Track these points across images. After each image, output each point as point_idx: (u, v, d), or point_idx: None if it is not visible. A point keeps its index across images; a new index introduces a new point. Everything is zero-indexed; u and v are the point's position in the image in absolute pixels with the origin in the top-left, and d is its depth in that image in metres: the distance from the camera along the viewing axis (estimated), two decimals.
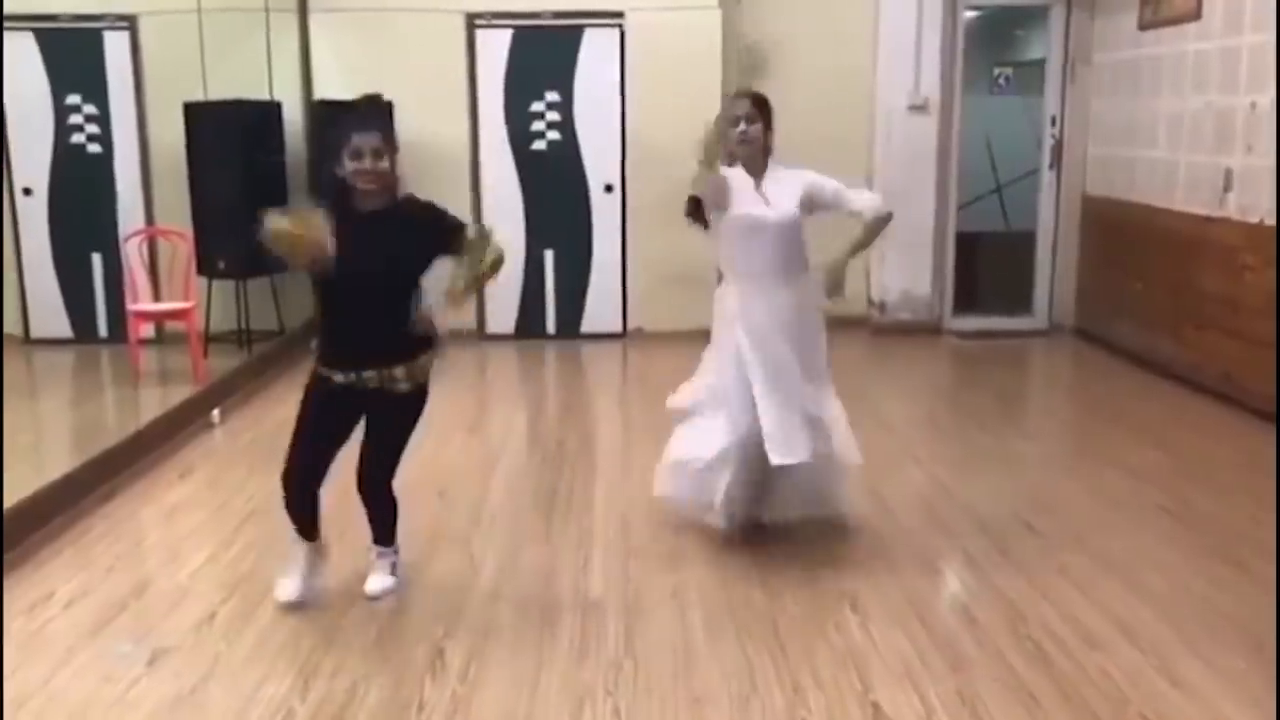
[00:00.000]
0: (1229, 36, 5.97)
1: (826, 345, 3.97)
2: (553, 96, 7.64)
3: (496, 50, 7.59)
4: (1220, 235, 6.02)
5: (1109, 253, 7.48)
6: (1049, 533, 4.21)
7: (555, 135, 7.70)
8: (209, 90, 6.79)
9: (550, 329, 7.94)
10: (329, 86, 7.46)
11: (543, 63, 7.59)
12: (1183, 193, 6.45)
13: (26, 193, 7.42)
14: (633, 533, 4.24)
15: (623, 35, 7.49)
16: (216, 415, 5.75)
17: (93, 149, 7.44)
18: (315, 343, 3.49)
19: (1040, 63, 8.33)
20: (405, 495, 3.69)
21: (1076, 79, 7.81)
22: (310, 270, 3.27)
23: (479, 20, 7.56)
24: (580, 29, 7.57)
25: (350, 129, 3.26)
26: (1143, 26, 6.95)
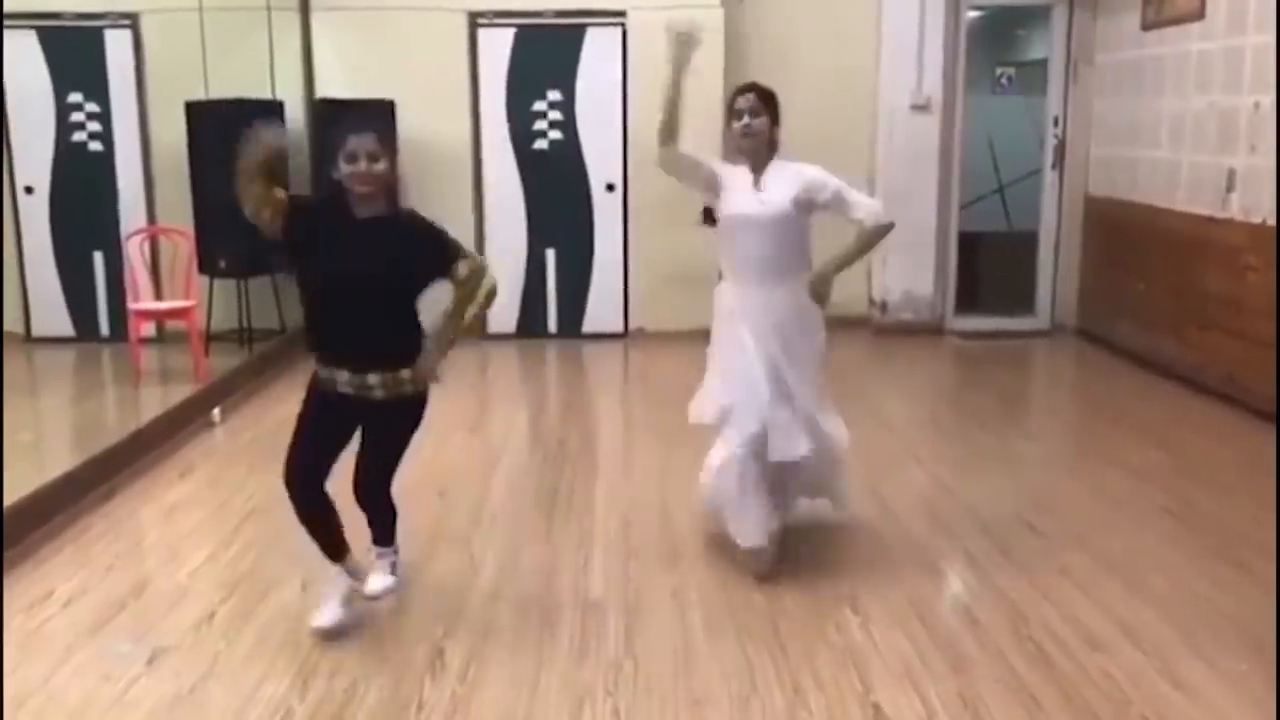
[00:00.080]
0: (1232, 36, 5.96)
1: (826, 346, 3.87)
2: (555, 95, 7.63)
3: (498, 49, 7.59)
4: (1223, 236, 6.01)
5: (1111, 253, 7.47)
6: (1051, 533, 4.20)
7: (557, 134, 7.69)
8: (210, 89, 6.78)
9: (551, 328, 7.94)
10: (331, 85, 7.46)
11: (545, 62, 7.59)
12: (1185, 193, 6.44)
13: (28, 191, 7.42)
14: (633, 533, 4.24)
15: (625, 34, 7.48)
16: (217, 414, 5.76)
17: (94, 147, 7.44)
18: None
19: (1043, 62, 8.32)
20: (405, 495, 3.68)
21: (1079, 79, 7.79)
22: (262, 226, 3.27)
23: (481, 19, 7.56)
24: (582, 28, 7.56)
25: (346, 131, 3.20)
26: (1146, 26, 6.93)
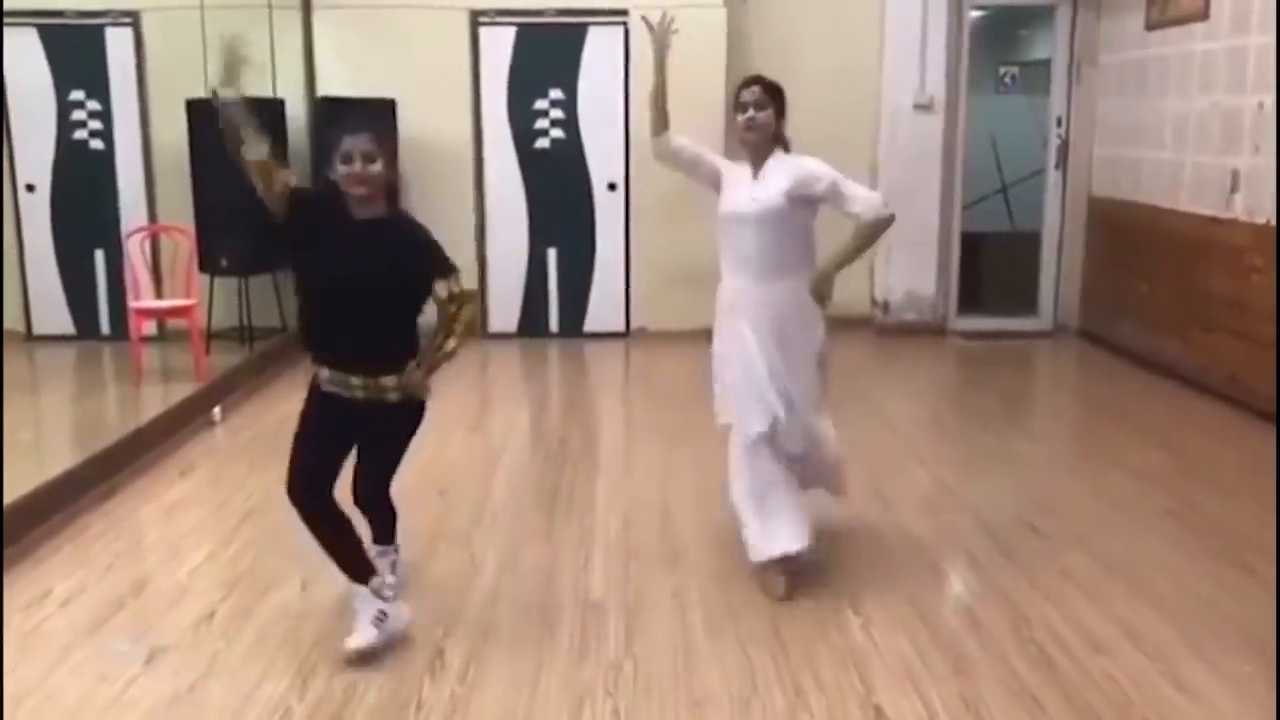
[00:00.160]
0: (1236, 36, 5.94)
1: (827, 346, 3.73)
2: (556, 94, 7.62)
3: (500, 48, 7.58)
4: (1227, 236, 5.99)
5: (1114, 254, 7.45)
6: (1053, 534, 4.19)
7: (559, 133, 7.68)
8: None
9: (553, 328, 7.92)
10: (332, 83, 7.45)
11: (546, 60, 7.57)
12: (1189, 194, 6.42)
13: (29, 189, 7.41)
14: (634, 532, 4.23)
15: (627, 33, 7.46)
16: (218, 413, 5.75)
17: (95, 145, 7.43)
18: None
19: (1046, 62, 8.30)
20: (406, 494, 3.67)
21: (1082, 79, 7.77)
22: (269, 197, 3.15)
23: (483, 17, 7.55)
24: (584, 27, 7.55)
25: (342, 131, 3.16)
26: (1149, 26, 6.92)
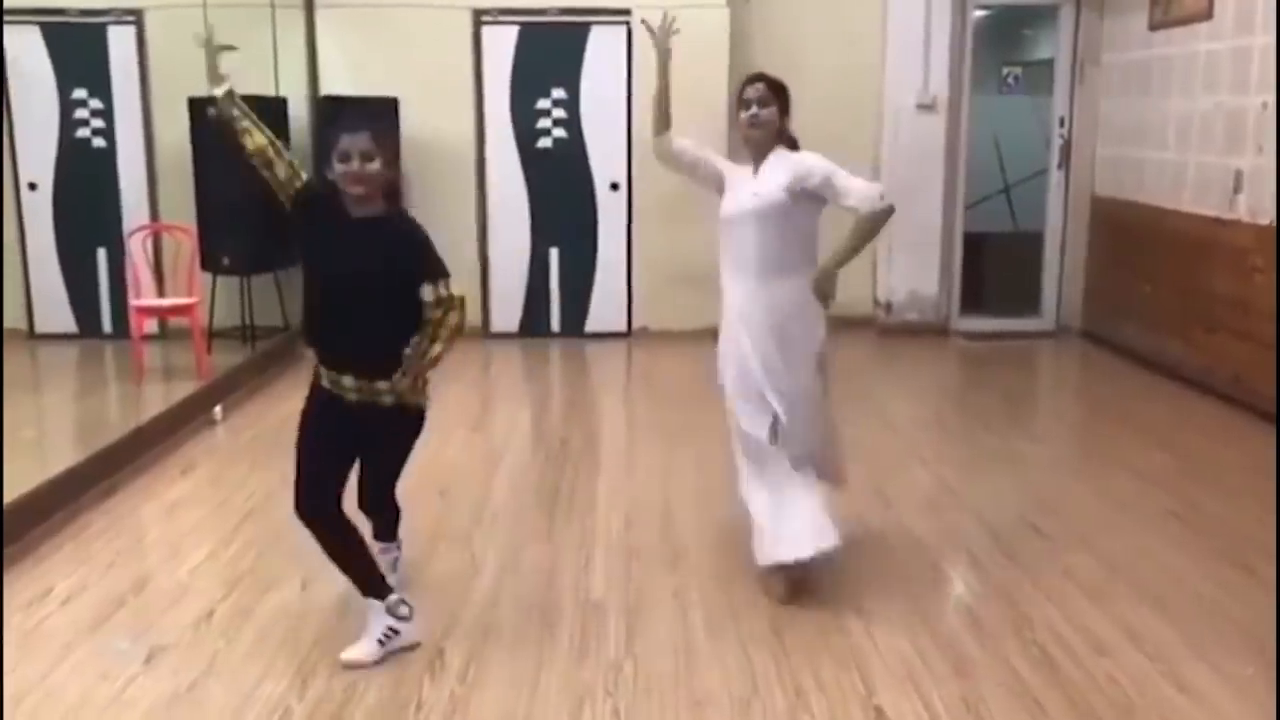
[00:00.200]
0: (1240, 36, 5.93)
1: (828, 346, 3.67)
2: (559, 94, 7.61)
3: (503, 47, 7.57)
4: (1230, 237, 5.98)
5: (1117, 254, 7.44)
6: (1055, 535, 4.18)
7: (561, 133, 7.67)
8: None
9: (555, 327, 7.91)
10: (335, 82, 7.45)
11: (549, 60, 7.56)
12: (1192, 194, 6.41)
13: (32, 187, 7.41)
14: (635, 532, 4.22)
15: (629, 33, 7.45)
16: (219, 411, 5.74)
17: (98, 144, 7.43)
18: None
19: (1049, 62, 8.29)
20: (406, 494, 3.66)
21: (1085, 79, 7.76)
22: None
23: (485, 16, 7.54)
24: (587, 26, 7.54)
25: (340, 130, 3.14)
26: (1153, 27, 6.90)
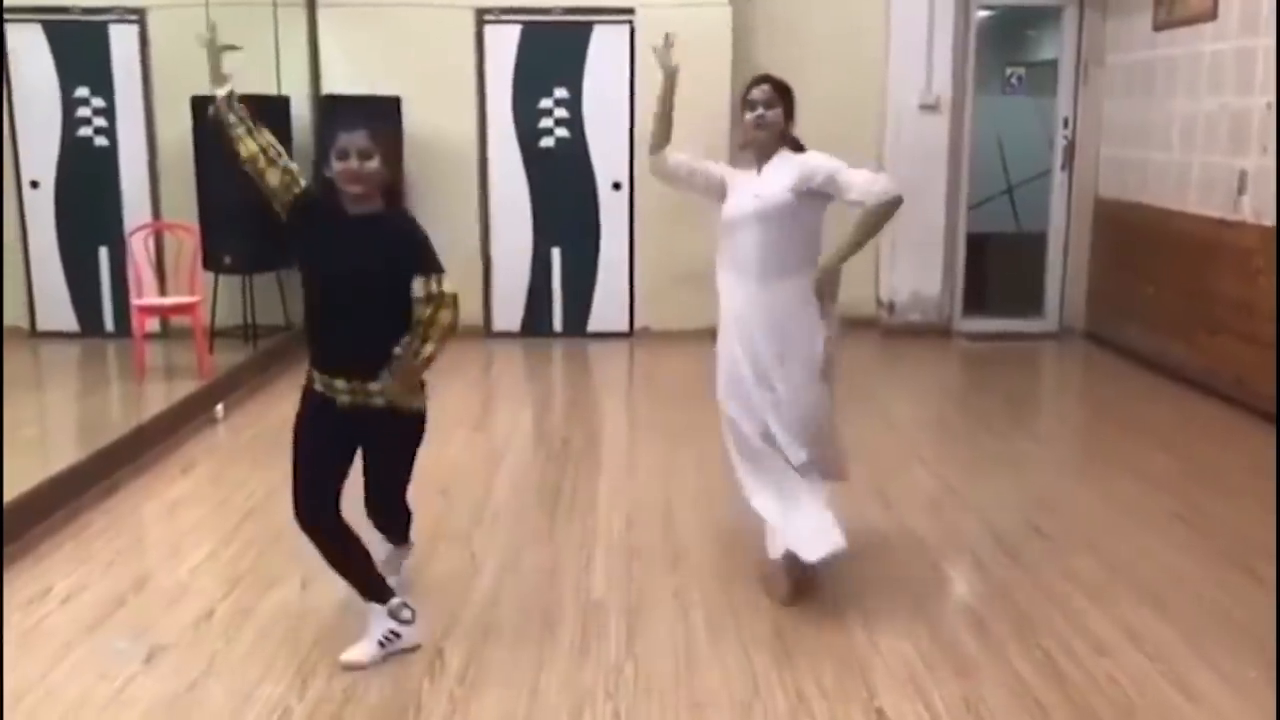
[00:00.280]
0: (1245, 37, 5.91)
1: (832, 347, 3.55)
2: (561, 93, 7.61)
3: (505, 46, 7.56)
4: (1234, 238, 5.96)
5: (1121, 255, 7.42)
6: (1058, 537, 4.16)
7: (564, 132, 7.66)
8: None
9: (557, 327, 7.90)
10: (337, 81, 7.44)
11: (552, 59, 7.55)
12: (1196, 195, 6.39)
13: (34, 185, 7.41)
14: (636, 533, 4.21)
15: (632, 32, 7.45)
16: (220, 410, 5.74)
17: (100, 142, 7.43)
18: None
19: (1053, 63, 8.26)
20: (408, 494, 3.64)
21: (1089, 80, 7.74)
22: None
23: (488, 16, 7.53)
24: (590, 25, 7.53)
25: (338, 127, 3.11)
26: (1157, 27, 6.88)
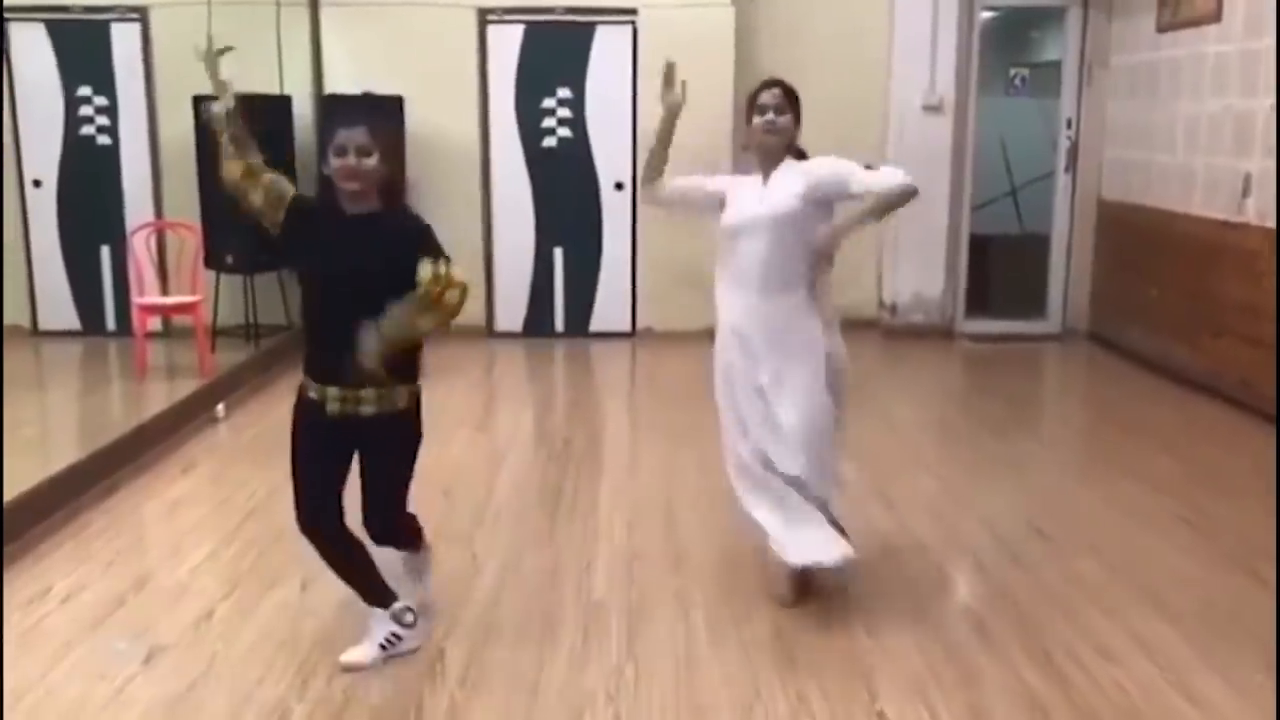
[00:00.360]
0: (1250, 39, 5.89)
1: (840, 363, 3.48)
2: (564, 93, 7.59)
3: (508, 46, 7.55)
4: (1239, 240, 5.94)
5: (1124, 257, 7.40)
6: (1061, 540, 4.15)
7: (566, 132, 7.65)
8: None
9: (559, 327, 7.89)
10: (340, 81, 7.43)
11: (554, 59, 7.54)
12: (1201, 197, 6.37)
13: (36, 184, 7.40)
14: (638, 534, 4.19)
15: (635, 32, 7.43)
16: (221, 409, 5.73)
17: (102, 141, 7.42)
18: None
19: (1057, 64, 8.25)
20: (409, 494, 3.62)
21: (1093, 81, 7.72)
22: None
23: (491, 16, 7.51)
24: (592, 25, 7.52)
25: (337, 123, 3.02)
26: (1161, 29, 6.86)
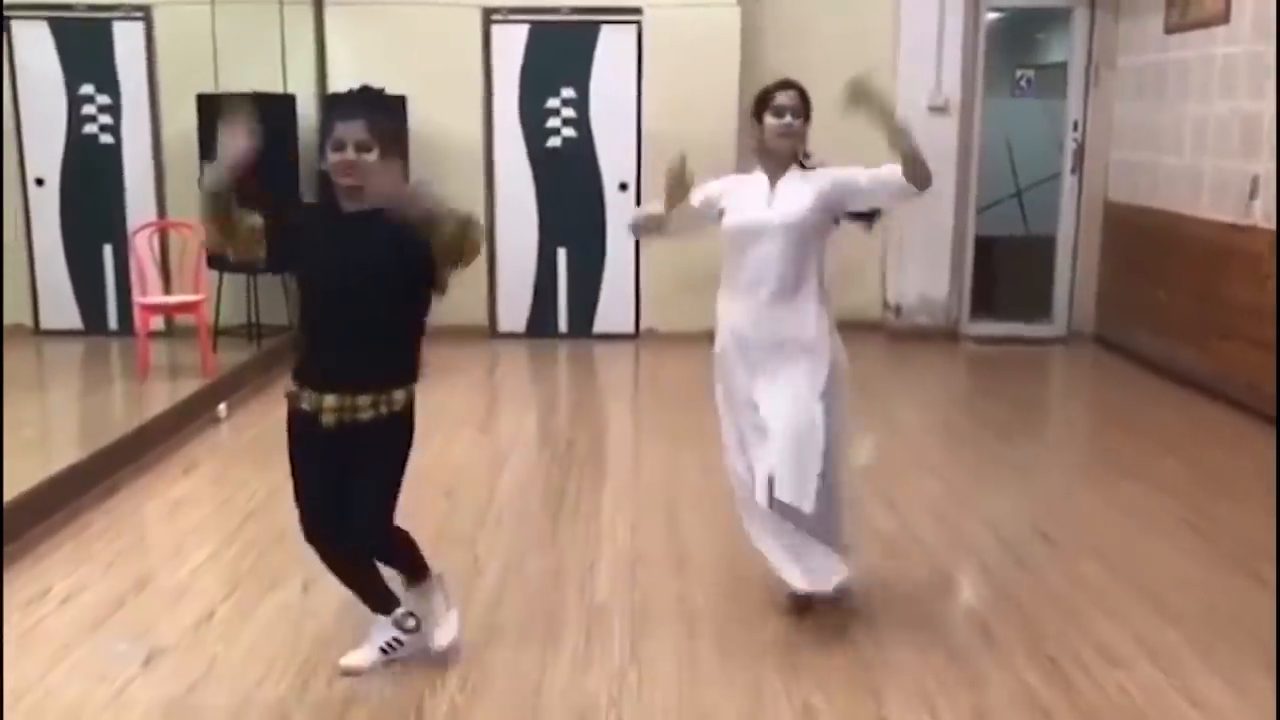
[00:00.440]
0: (1258, 40, 5.86)
1: (840, 372, 3.39)
2: (568, 93, 7.57)
3: (512, 46, 7.53)
4: (1246, 243, 5.91)
5: (1130, 259, 7.37)
6: (1066, 543, 4.12)
7: (570, 132, 7.63)
8: (222, 82, 6.74)
9: (562, 328, 7.87)
10: (344, 80, 7.40)
11: (559, 59, 7.53)
12: (1208, 199, 6.34)
13: (39, 183, 7.40)
14: (640, 536, 4.17)
15: (640, 32, 7.42)
16: (223, 409, 5.71)
17: (105, 140, 7.41)
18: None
19: (1063, 65, 8.22)
20: (410, 494, 3.57)
21: (1100, 82, 7.69)
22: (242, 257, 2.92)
23: (495, 15, 7.50)
24: (597, 25, 7.50)
25: (335, 118, 2.90)
26: (1169, 30, 6.83)
